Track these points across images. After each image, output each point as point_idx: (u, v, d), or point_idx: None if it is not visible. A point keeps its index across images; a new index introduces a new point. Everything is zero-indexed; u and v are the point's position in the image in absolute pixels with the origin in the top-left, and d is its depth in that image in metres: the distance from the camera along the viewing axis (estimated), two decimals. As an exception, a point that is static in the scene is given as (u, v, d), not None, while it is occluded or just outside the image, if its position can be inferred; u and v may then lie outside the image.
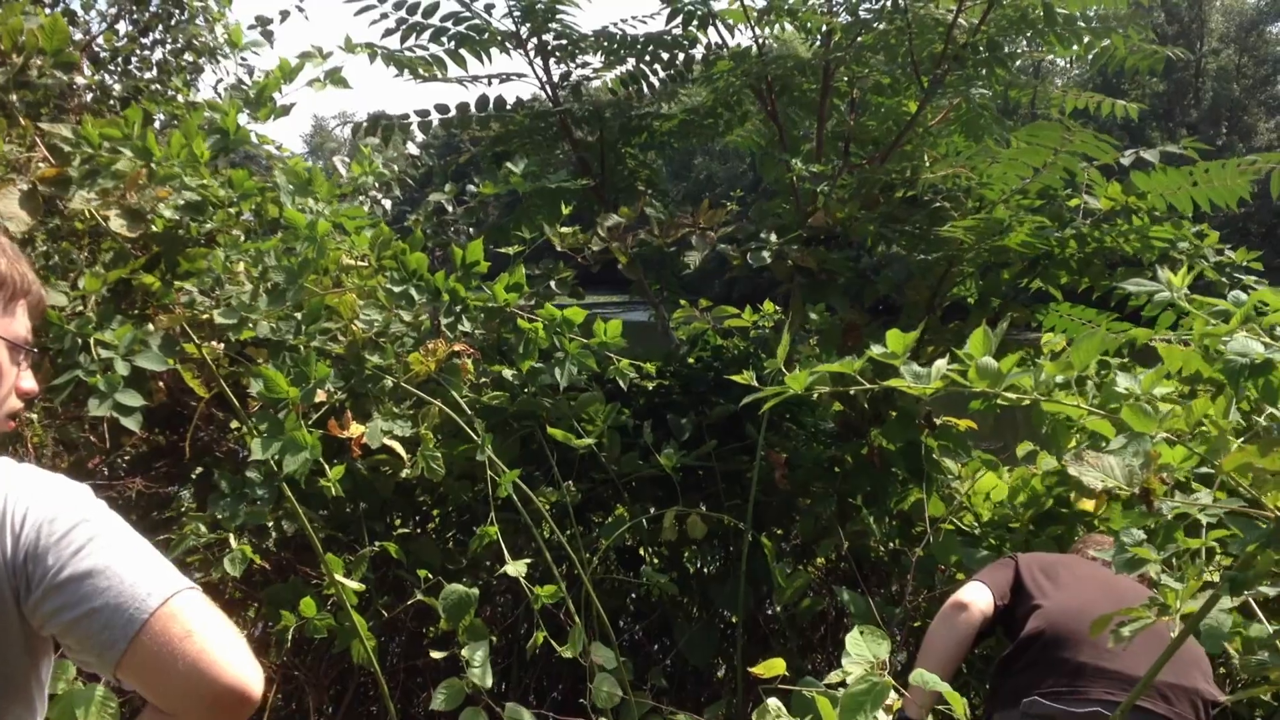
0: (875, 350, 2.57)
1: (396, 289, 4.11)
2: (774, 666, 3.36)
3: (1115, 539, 2.19)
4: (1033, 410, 3.71)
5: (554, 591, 3.96)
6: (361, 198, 4.90)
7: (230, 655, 1.66)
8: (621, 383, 4.48)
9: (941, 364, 2.52)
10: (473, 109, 6.43)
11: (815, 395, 2.86)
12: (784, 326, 5.51)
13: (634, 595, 5.24)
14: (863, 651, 2.58)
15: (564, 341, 4.33)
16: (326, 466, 3.64)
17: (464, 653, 3.75)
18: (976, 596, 3.59)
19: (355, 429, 3.82)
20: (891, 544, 5.38)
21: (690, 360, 5.56)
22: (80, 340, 3.51)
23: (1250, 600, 3.16)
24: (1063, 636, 3.36)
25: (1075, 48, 5.80)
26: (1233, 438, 2.24)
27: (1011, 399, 2.50)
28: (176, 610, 1.64)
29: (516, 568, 3.89)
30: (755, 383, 2.95)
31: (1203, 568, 2.15)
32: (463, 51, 6.17)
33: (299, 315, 3.81)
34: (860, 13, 5.97)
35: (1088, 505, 4.85)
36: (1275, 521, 2.07)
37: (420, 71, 6.21)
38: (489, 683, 3.73)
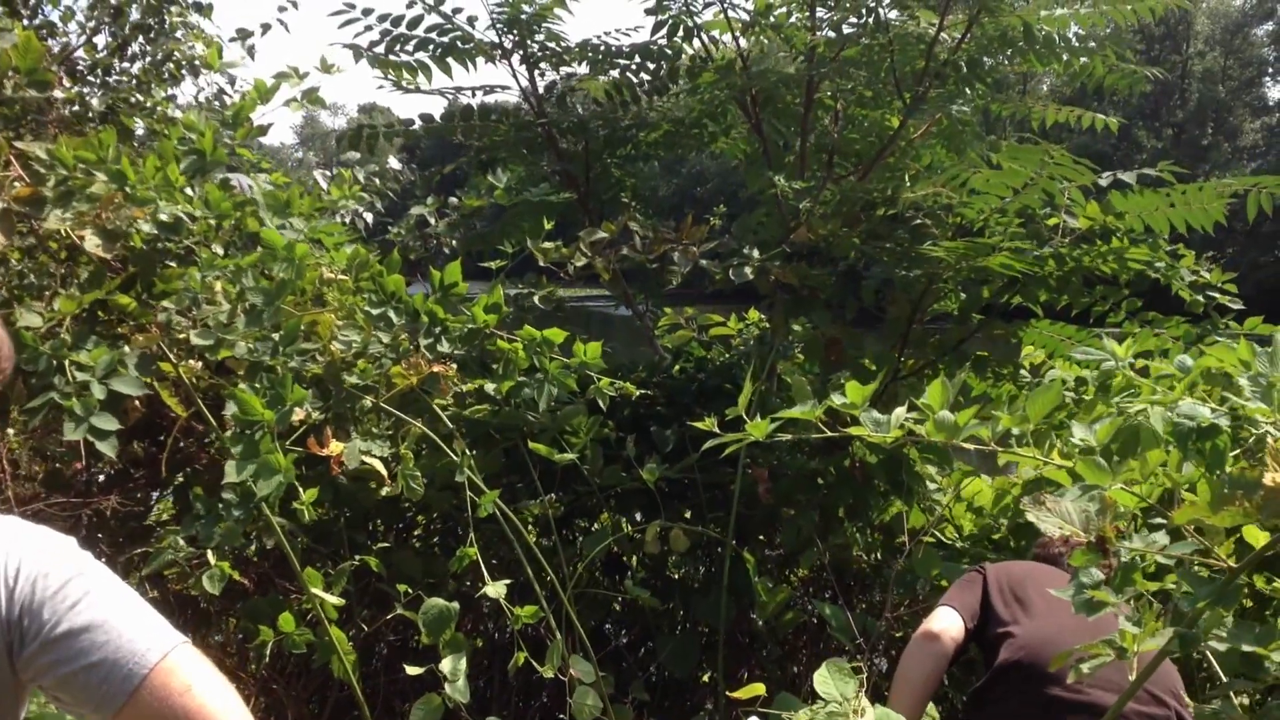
0: (835, 400, 2.60)
1: (375, 311, 4.12)
2: (753, 690, 3.40)
3: (1074, 578, 2.22)
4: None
5: (534, 612, 3.97)
6: (342, 211, 4.90)
7: (227, 710, 1.70)
8: (601, 402, 4.50)
9: (900, 412, 2.56)
10: (457, 119, 6.44)
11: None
12: (767, 337, 5.55)
13: (617, 605, 5.26)
14: (831, 690, 2.61)
15: (544, 362, 4.34)
16: (300, 490, 3.65)
17: (442, 667, 3.76)
18: (947, 624, 3.61)
19: (335, 447, 3.83)
20: (874, 556, 5.42)
21: (674, 371, 5.59)
22: (55, 362, 3.52)
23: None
24: (1035, 668, 3.38)
25: (1055, 66, 5.84)
26: (1186, 491, 2.29)
27: (969, 449, 2.53)
28: (174, 665, 1.68)
29: (497, 589, 3.90)
30: (717, 429, 3.00)
31: (1160, 610, 2.19)
32: (449, 60, 6.19)
33: (276, 336, 3.82)
34: (844, 28, 5.99)
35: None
36: (1225, 577, 2.11)
37: (405, 77, 6.21)
38: (466, 697, 3.74)
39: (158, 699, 1.65)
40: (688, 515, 5.11)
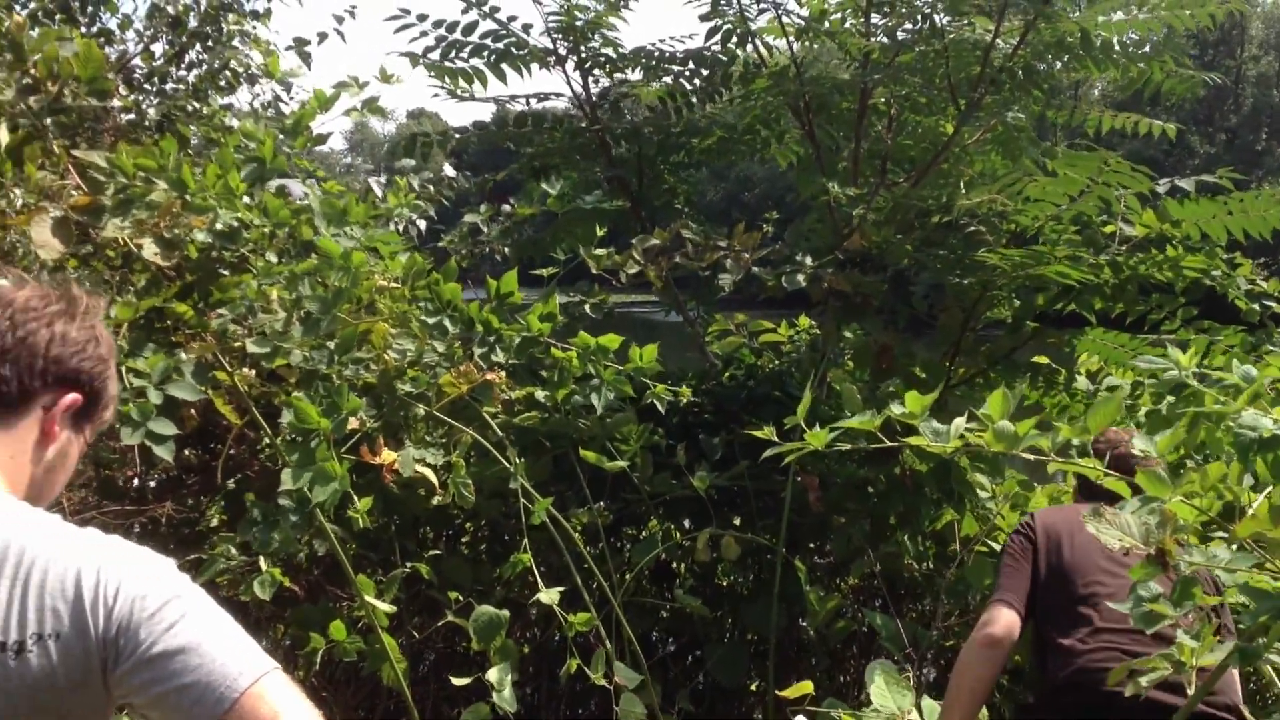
0: (894, 410, 2.59)
1: (430, 320, 4.13)
2: (801, 688, 3.39)
3: (1132, 591, 2.21)
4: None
5: (588, 619, 3.98)
6: (396, 219, 4.91)
7: None
8: (660, 406, 4.49)
9: (960, 423, 2.54)
10: (510, 125, 6.46)
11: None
12: (818, 344, 5.54)
13: (665, 613, 5.25)
14: (887, 702, 2.60)
15: (598, 368, 4.34)
16: (355, 497, 3.67)
17: (489, 676, 3.76)
18: (1007, 628, 3.55)
19: (387, 455, 3.84)
20: (925, 564, 5.39)
21: (724, 378, 5.57)
22: (112, 368, 3.53)
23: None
24: (1094, 692, 3.33)
25: (1112, 72, 5.79)
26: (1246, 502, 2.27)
27: (1030, 459, 2.52)
28: (264, 691, 1.72)
29: (550, 595, 3.91)
30: (776, 437, 2.98)
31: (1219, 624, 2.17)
32: (503, 66, 6.22)
33: (331, 345, 3.83)
34: (898, 34, 5.96)
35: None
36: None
37: (460, 83, 6.24)
38: (514, 706, 3.74)
39: None
40: (736, 523, 5.09)
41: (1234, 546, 2.25)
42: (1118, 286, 5.11)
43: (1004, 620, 3.57)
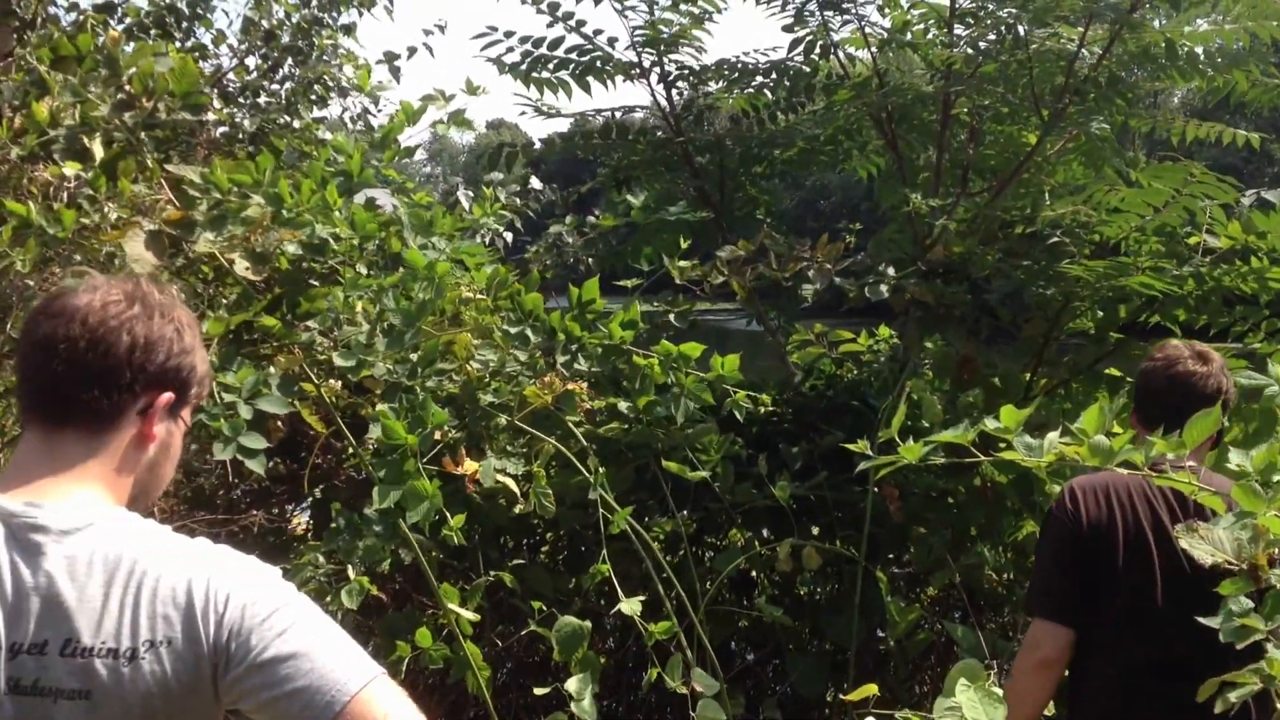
0: (989, 424, 2.59)
1: (513, 330, 4.18)
2: (866, 690, 3.41)
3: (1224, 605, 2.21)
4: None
5: (668, 628, 4.00)
6: (482, 231, 4.98)
7: None
8: (738, 415, 4.52)
9: (1054, 437, 2.54)
10: (595, 136, 6.53)
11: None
12: (898, 354, 5.53)
13: (745, 623, 5.27)
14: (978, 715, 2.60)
15: (680, 376, 4.37)
16: (448, 515, 3.72)
17: (569, 686, 3.80)
18: (1058, 649, 3.38)
19: (469, 465, 3.90)
20: (1005, 576, 5.37)
21: (805, 388, 5.59)
22: (204, 383, 3.61)
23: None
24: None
25: (1197, 82, 5.75)
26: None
27: (1124, 473, 2.51)
28: (372, 695, 1.78)
29: (631, 605, 3.94)
30: (870, 450, 2.97)
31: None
32: (588, 78, 6.29)
33: (414, 357, 3.90)
34: (981, 44, 5.95)
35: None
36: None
37: (545, 94, 6.32)
38: (594, 717, 3.77)
39: None
40: (815, 532, 5.10)
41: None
42: (1201, 298, 5.06)
43: (1053, 640, 3.39)
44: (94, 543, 1.80)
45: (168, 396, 1.94)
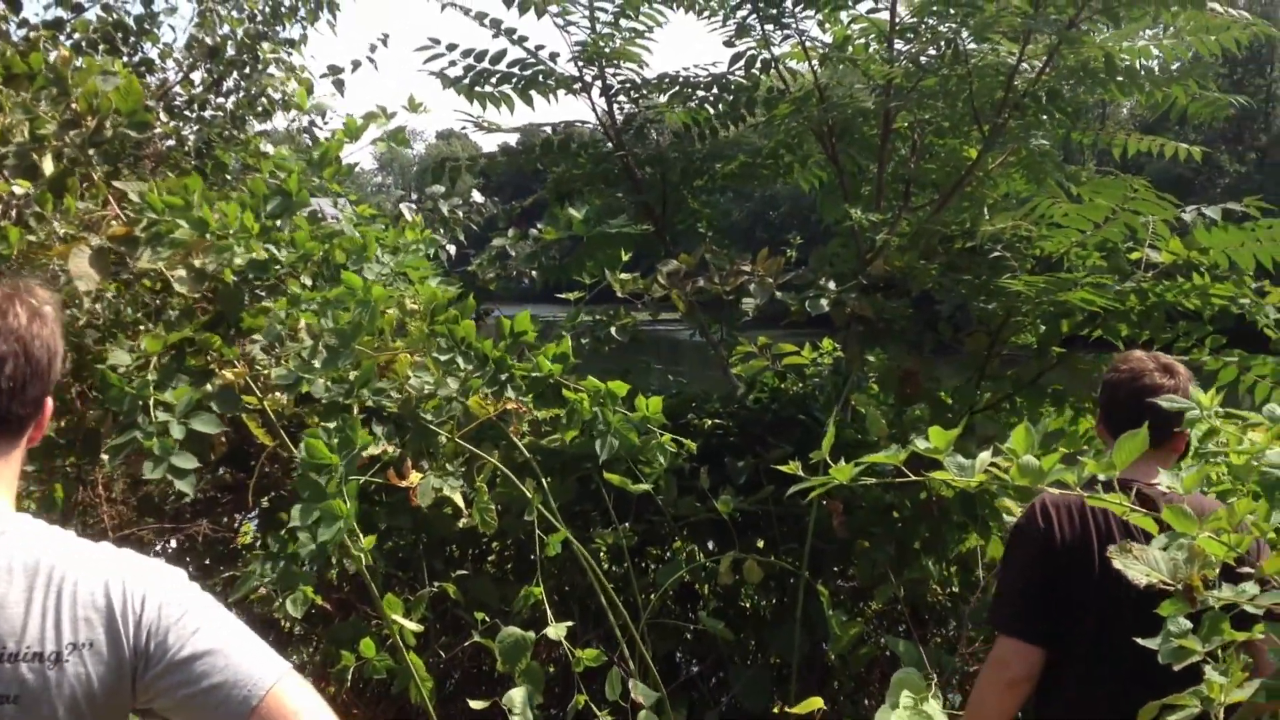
0: (919, 444, 2.60)
1: (443, 357, 4.19)
2: (810, 704, 3.40)
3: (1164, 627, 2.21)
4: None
5: (596, 655, 4.01)
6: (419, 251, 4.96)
7: None
8: (663, 458, 4.51)
9: (985, 456, 2.55)
10: (537, 150, 6.53)
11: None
12: (841, 367, 5.55)
13: (689, 635, 5.26)
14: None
15: (607, 414, 4.37)
16: (360, 534, 3.70)
17: (509, 698, 3.79)
18: (1027, 670, 3.29)
19: (414, 478, 3.90)
20: (949, 590, 5.39)
21: (749, 401, 5.60)
22: (139, 401, 3.61)
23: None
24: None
25: (1137, 96, 5.80)
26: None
27: (1056, 493, 2.52)
28: (284, 690, 1.83)
29: (558, 630, 3.95)
30: (801, 472, 2.96)
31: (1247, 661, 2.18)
32: (531, 92, 6.29)
33: (353, 375, 3.89)
34: (921, 59, 5.99)
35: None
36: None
37: (487, 108, 6.31)
38: (531, 728, 3.77)
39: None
40: (760, 545, 5.11)
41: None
42: (1144, 313, 5.10)
43: (1022, 660, 3.30)
44: (11, 549, 1.83)
45: (50, 402, 1.99)
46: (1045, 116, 5.82)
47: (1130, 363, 3.58)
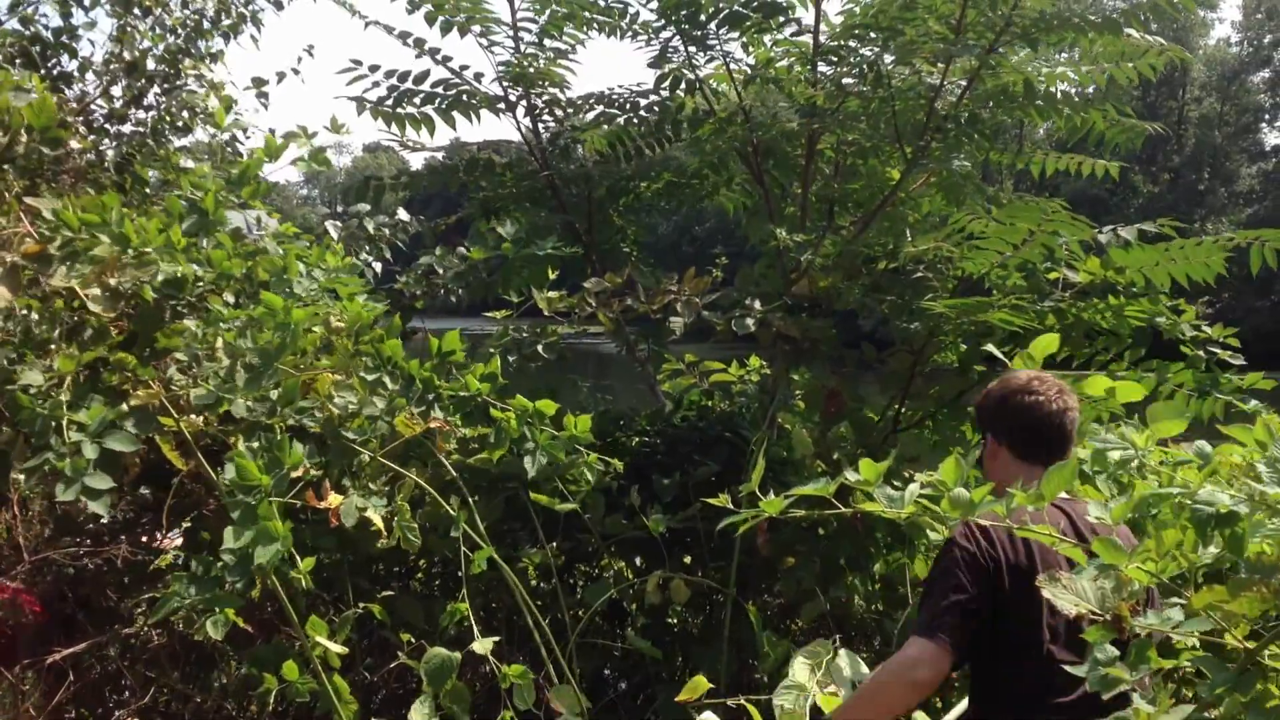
0: (849, 476, 2.63)
1: (370, 376, 4.17)
2: (697, 685, 3.43)
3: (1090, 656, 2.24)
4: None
5: (522, 672, 3.99)
6: (352, 261, 4.94)
7: None
8: (590, 475, 4.52)
9: (915, 488, 2.58)
10: (461, 169, 6.52)
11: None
12: (768, 385, 5.58)
13: (617, 653, 5.26)
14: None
15: (535, 433, 4.38)
16: (298, 558, 3.68)
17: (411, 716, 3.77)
18: (937, 672, 3.20)
19: (334, 499, 3.86)
20: (875, 607, 5.41)
21: (676, 420, 5.62)
22: (52, 422, 3.56)
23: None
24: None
25: (1055, 120, 5.89)
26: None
27: (986, 524, 2.57)
28: None
29: (484, 645, 3.94)
30: (731, 504, 2.97)
31: (1175, 688, 2.23)
32: (454, 112, 6.28)
33: (275, 395, 3.86)
34: (844, 81, 6.06)
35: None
36: (1243, 661, 2.13)
37: (409, 130, 6.28)
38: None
39: None
40: (688, 562, 5.12)
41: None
42: (1063, 331, 5.18)
43: (935, 663, 3.19)
44: None
45: None
46: (966, 139, 5.89)
47: (1030, 384, 3.54)
